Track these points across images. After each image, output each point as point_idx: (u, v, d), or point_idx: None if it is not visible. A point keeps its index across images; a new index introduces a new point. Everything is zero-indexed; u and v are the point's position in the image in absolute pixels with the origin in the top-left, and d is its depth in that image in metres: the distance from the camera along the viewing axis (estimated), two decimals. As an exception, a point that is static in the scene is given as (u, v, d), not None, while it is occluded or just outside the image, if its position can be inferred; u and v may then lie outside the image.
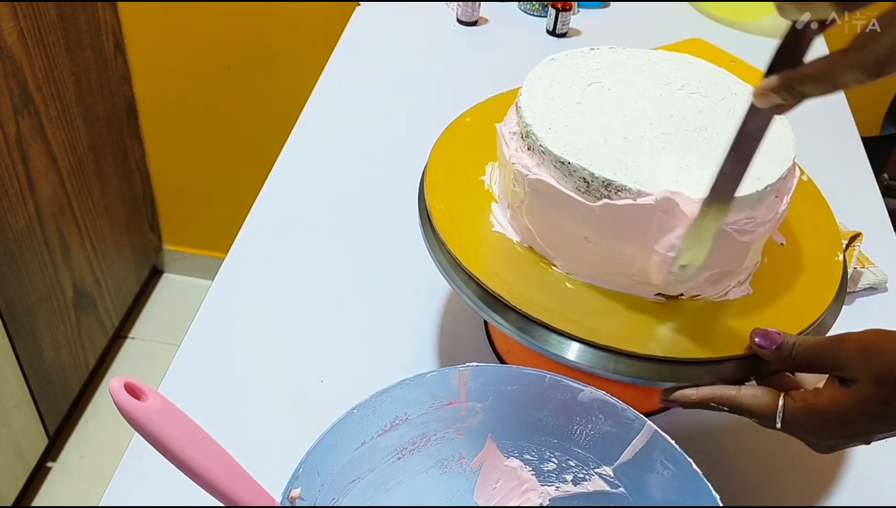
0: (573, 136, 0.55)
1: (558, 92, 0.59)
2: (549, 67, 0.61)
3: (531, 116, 0.56)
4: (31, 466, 1.49)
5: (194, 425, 0.41)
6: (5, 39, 1.23)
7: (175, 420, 0.40)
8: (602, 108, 0.58)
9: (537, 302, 0.54)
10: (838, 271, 0.60)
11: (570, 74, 0.61)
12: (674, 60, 0.64)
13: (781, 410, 0.49)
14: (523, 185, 0.56)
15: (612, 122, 0.56)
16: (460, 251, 0.57)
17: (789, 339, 0.51)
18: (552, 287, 0.56)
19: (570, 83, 0.60)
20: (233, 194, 1.67)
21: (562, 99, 0.58)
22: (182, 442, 0.39)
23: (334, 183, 0.87)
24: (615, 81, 0.60)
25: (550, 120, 0.56)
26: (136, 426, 0.39)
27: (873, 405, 0.47)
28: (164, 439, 0.39)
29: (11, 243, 1.32)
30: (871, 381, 0.47)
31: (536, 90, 0.59)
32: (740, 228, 0.53)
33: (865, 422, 0.48)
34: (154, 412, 0.39)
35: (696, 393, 0.52)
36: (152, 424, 0.39)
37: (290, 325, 0.71)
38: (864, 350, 0.48)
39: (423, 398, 0.50)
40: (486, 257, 0.57)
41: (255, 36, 1.52)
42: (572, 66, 0.62)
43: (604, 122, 0.56)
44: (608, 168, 0.52)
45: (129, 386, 0.39)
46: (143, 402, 0.39)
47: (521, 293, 0.55)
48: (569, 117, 0.56)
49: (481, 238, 0.60)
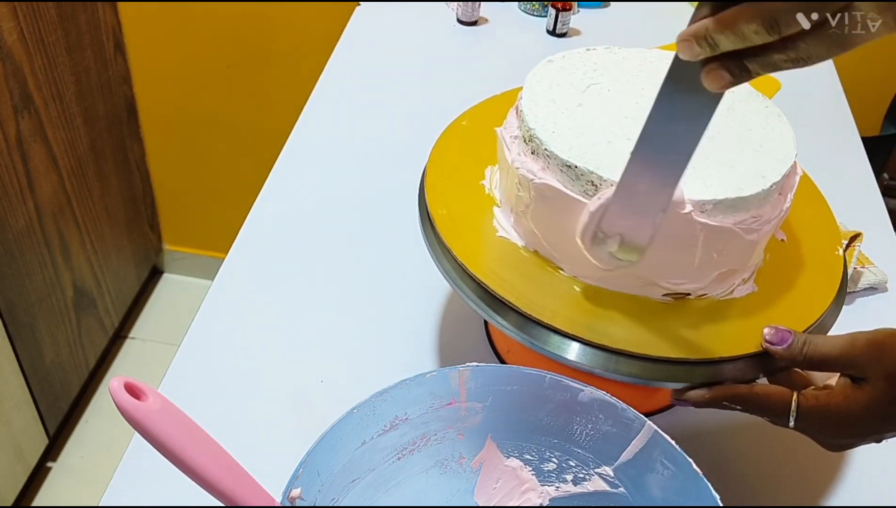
0: (577, 139, 0.55)
1: (559, 94, 0.59)
2: (548, 69, 0.61)
3: (534, 120, 0.56)
4: (31, 466, 1.49)
5: (194, 425, 0.41)
6: (5, 39, 1.23)
7: (175, 420, 0.40)
8: (603, 109, 0.58)
9: (547, 307, 0.54)
10: (839, 265, 0.60)
11: (569, 75, 0.61)
12: (669, 59, 0.63)
13: (795, 408, 0.49)
14: (528, 189, 0.56)
15: (614, 123, 0.56)
16: (466, 258, 0.57)
17: (800, 337, 0.51)
18: (560, 291, 0.56)
19: (569, 85, 0.60)
20: (233, 194, 1.67)
21: (563, 101, 0.58)
22: (182, 442, 0.39)
23: (334, 183, 0.87)
24: (613, 81, 0.61)
25: (553, 123, 0.56)
26: (136, 426, 0.39)
27: (885, 403, 0.47)
28: (164, 439, 0.39)
29: (11, 243, 1.32)
30: (882, 380, 0.47)
31: (537, 93, 0.59)
32: (747, 226, 0.53)
33: (877, 421, 0.48)
34: (154, 412, 0.39)
35: (708, 392, 0.52)
36: (152, 424, 0.39)
37: (290, 325, 0.71)
38: (875, 349, 0.48)
39: (423, 398, 0.50)
40: (492, 263, 0.57)
41: (255, 36, 1.52)
42: (570, 67, 0.62)
43: (605, 123, 0.56)
44: (616, 171, 0.52)
45: (129, 386, 0.39)
46: (144, 402, 0.39)
47: (530, 298, 0.55)
48: (571, 120, 0.56)
49: (485, 244, 0.59)
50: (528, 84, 0.60)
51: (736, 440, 0.65)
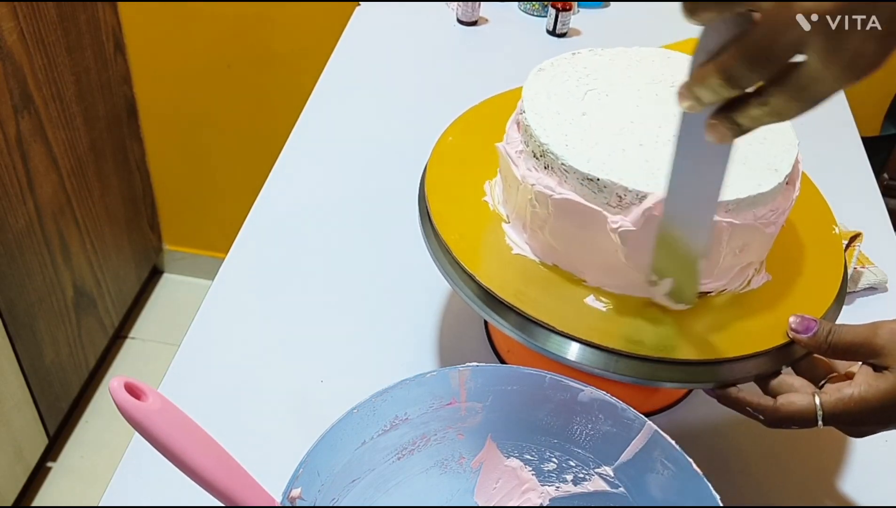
0: (591, 149, 0.54)
1: (559, 105, 0.58)
2: (541, 78, 0.61)
3: (544, 135, 0.55)
4: (31, 466, 1.49)
5: (194, 425, 0.41)
6: (5, 39, 1.23)
7: (175, 420, 0.40)
8: (607, 115, 0.57)
9: (582, 324, 0.54)
10: (838, 242, 0.62)
11: (563, 83, 0.60)
12: (655, 57, 0.64)
13: (820, 408, 0.50)
14: (546, 205, 0.55)
15: (623, 129, 0.56)
16: (490, 282, 0.56)
17: (825, 326, 0.52)
18: (586, 304, 0.56)
19: (566, 94, 0.59)
20: (233, 194, 1.67)
21: (566, 112, 0.57)
22: (182, 443, 0.39)
23: (334, 183, 0.87)
24: (609, 84, 0.60)
25: (564, 136, 0.55)
26: (136, 427, 0.39)
27: None
28: (164, 439, 0.39)
29: (11, 243, 1.32)
30: None
31: (537, 105, 0.58)
32: (767, 221, 0.54)
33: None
34: (154, 412, 0.39)
35: (736, 393, 0.52)
36: (152, 424, 0.39)
37: (290, 325, 0.71)
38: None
39: (424, 398, 0.50)
40: (517, 283, 0.56)
41: (255, 36, 1.52)
42: (562, 74, 0.61)
43: (615, 130, 0.56)
44: (640, 180, 0.51)
45: (130, 386, 0.39)
46: (144, 402, 0.39)
47: (563, 317, 0.54)
48: (580, 130, 0.56)
49: (504, 264, 0.58)
50: (526, 97, 0.59)
51: (736, 440, 0.65)
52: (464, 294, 0.57)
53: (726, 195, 0.51)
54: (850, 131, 1.02)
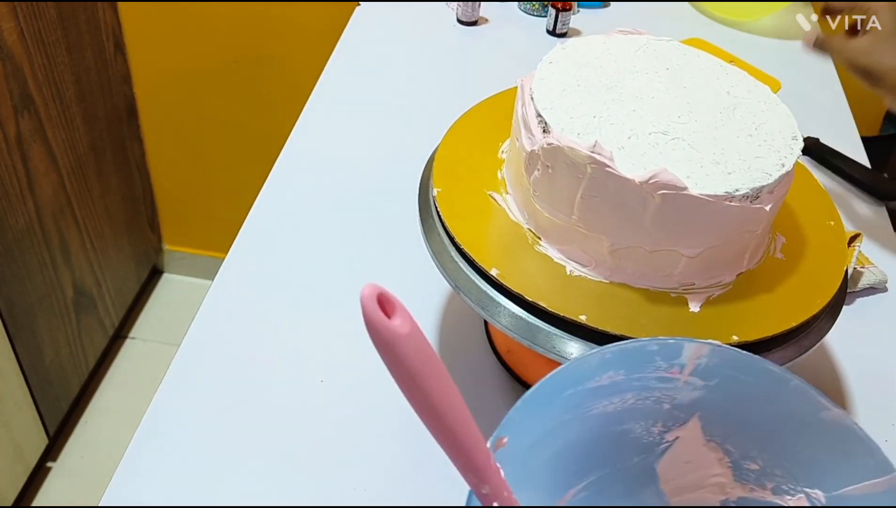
0: (643, 156, 0.53)
1: (584, 111, 0.56)
2: (550, 91, 0.58)
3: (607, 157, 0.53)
4: (31, 466, 1.49)
5: (435, 355, 0.37)
6: (5, 39, 1.23)
7: (420, 348, 0.36)
8: (638, 118, 0.56)
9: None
10: (830, 202, 0.64)
11: (574, 91, 0.59)
12: (639, 46, 0.64)
13: None
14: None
15: (658, 129, 0.55)
16: (519, 287, 0.55)
17: None
18: (617, 299, 0.56)
19: (582, 98, 0.57)
20: (233, 194, 1.67)
21: (599, 119, 0.56)
22: (425, 373, 0.35)
23: (334, 183, 0.87)
24: (616, 82, 0.59)
25: (619, 148, 0.53)
26: (380, 348, 0.35)
27: None
28: (409, 365, 0.35)
29: (11, 243, 1.32)
30: None
31: (559, 117, 0.55)
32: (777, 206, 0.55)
33: None
34: (402, 336, 0.35)
35: None
36: (400, 349, 0.35)
37: (290, 325, 0.71)
38: None
39: (646, 360, 0.47)
40: (564, 293, 0.56)
41: (255, 36, 1.52)
42: (561, 73, 0.60)
43: (655, 131, 0.55)
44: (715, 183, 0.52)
45: (382, 298, 0.34)
46: (393, 322, 0.35)
47: (598, 317, 0.53)
48: (627, 140, 0.54)
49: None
50: (543, 107, 0.56)
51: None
52: (464, 295, 0.56)
53: (743, 187, 0.52)
54: (851, 131, 1.02)
